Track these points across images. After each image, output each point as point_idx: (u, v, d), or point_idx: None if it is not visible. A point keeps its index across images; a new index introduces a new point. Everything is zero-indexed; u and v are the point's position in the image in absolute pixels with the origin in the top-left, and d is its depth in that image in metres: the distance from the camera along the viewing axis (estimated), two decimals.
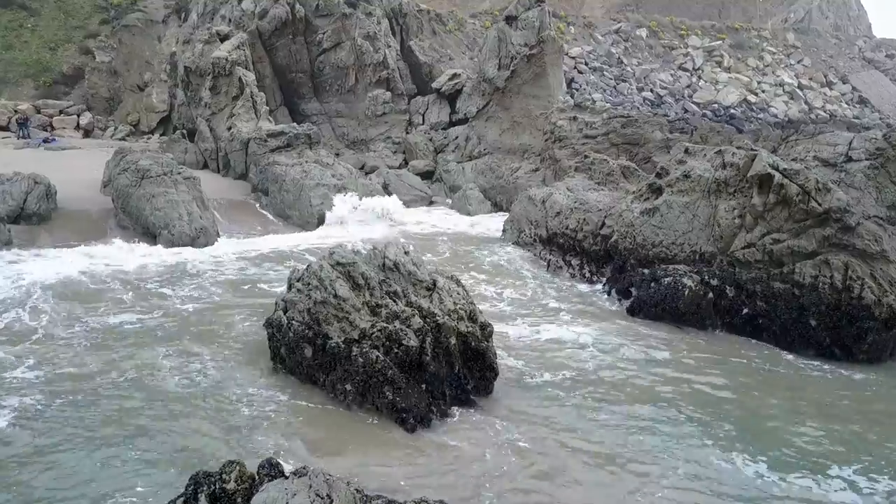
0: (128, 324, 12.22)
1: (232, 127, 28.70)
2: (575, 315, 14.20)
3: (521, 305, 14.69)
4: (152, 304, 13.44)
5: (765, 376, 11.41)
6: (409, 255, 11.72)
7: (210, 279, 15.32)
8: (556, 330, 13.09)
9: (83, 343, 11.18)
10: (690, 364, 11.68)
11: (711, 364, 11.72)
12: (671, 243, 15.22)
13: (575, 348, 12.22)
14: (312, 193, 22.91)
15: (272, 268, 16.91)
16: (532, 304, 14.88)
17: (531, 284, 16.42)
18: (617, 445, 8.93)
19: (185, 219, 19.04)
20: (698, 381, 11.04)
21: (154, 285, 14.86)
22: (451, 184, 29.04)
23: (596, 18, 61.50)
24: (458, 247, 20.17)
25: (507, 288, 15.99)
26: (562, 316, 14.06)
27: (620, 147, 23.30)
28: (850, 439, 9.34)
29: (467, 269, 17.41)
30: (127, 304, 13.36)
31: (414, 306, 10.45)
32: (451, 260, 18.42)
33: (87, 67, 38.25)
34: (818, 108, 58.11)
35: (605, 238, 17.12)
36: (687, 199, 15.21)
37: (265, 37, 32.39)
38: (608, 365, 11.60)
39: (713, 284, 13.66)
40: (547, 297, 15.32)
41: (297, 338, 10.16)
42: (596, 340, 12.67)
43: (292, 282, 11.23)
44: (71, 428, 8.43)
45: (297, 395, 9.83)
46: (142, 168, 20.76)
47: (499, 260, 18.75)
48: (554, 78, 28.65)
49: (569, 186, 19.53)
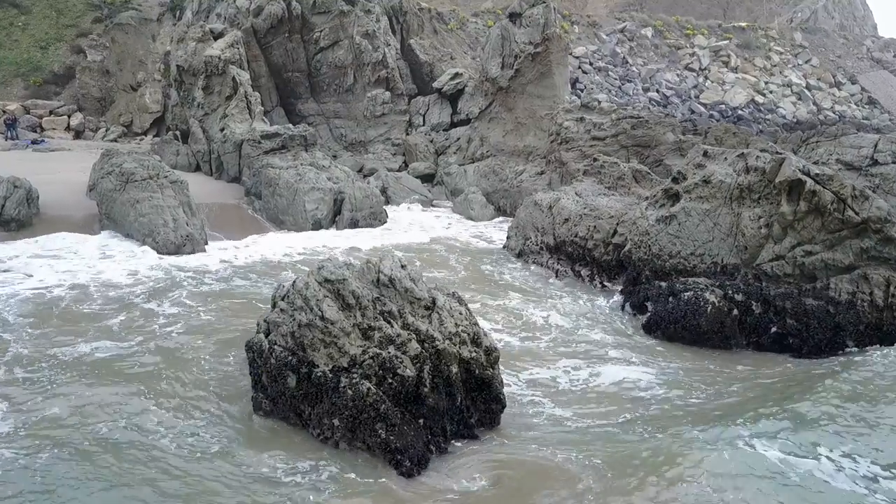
0: (101, 352, 10.98)
1: (225, 128, 27.63)
2: (587, 332, 13.09)
3: (527, 324, 13.55)
4: (130, 326, 12.19)
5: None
6: (407, 270, 10.62)
7: (193, 293, 14.18)
8: (566, 351, 11.96)
9: (47, 383, 9.82)
10: (727, 387, 10.52)
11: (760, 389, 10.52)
12: (690, 254, 14.10)
13: (589, 372, 11.10)
14: (307, 198, 21.81)
15: (260, 280, 15.80)
16: (540, 321, 13.75)
17: (536, 297, 15.29)
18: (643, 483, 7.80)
19: (171, 225, 17.95)
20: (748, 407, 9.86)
21: (135, 300, 13.73)
22: (452, 187, 27.94)
23: (600, 17, 60.40)
24: (459, 256, 19.05)
25: (513, 300, 14.87)
26: (574, 335, 12.93)
27: (630, 149, 22.17)
28: None
29: (469, 282, 16.30)
30: (103, 326, 12.17)
31: (411, 329, 9.34)
32: (453, 272, 17.28)
33: (79, 67, 37.22)
34: (827, 108, 57.04)
35: (618, 247, 16.02)
36: (707, 205, 14.10)
37: (260, 35, 31.30)
38: (627, 391, 10.49)
39: (738, 300, 12.55)
40: (555, 313, 14.18)
41: (279, 365, 9.05)
42: (612, 361, 11.55)
43: (276, 299, 10.14)
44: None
45: (277, 436, 8.68)
46: (126, 171, 19.69)
47: (501, 269, 17.64)
48: (559, 77, 27.53)
49: (577, 191, 18.42)
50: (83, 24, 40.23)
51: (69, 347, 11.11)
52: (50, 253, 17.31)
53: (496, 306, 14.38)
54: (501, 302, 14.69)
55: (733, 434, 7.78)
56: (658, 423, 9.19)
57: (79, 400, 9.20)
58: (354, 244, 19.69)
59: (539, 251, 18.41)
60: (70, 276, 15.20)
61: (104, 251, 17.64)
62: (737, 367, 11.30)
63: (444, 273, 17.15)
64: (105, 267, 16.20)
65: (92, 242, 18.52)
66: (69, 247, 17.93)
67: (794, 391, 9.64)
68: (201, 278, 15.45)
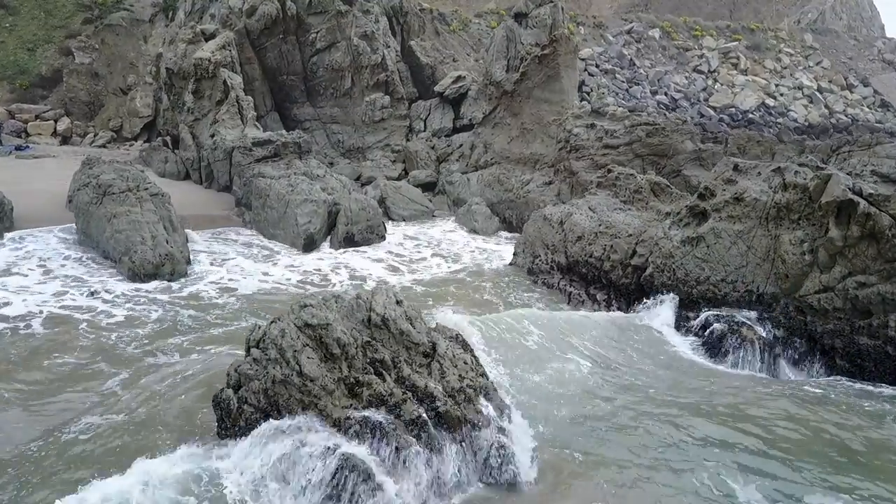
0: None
1: (215, 134, 26.21)
2: (615, 363, 11.58)
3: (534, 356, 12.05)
4: (85, 382, 10.56)
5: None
6: (402, 307, 9.16)
7: (162, 331, 12.63)
8: (591, 388, 10.47)
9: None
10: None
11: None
12: (720, 280, 12.63)
13: (624, 415, 9.58)
14: (299, 210, 20.36)
15: (246, 311, 14.27)
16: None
17: None
18: None
19: (149, 243, 16.50)
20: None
21: (95, 339, 12.19)
22: (454, 196, 26.47)
23: (605, 18, 58.99)
24: (461, 276, 17.56)
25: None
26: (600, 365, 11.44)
27: (646, 158, 20.71)
28: None
29: (473, 307, 14.81)
30: (56, 381, 10.62)
31: (406, 384, 7.89)
32: (455, 298, 15.73)
33: (66, 69, 35.80)
34: (839, 111, 55.59)
35: (638, 269, 14.54)
36: (739, 226, 12.62)
37: (254, 36, 29.89)
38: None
39: (779, 336, 11.07)
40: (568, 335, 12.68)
41: (249, 429, 7.60)
42: (651, 400, 10.06)
43: (250, 344, 8.69)
44: None
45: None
46: (103, 183, 18.27)
47: (507, 292, 16.15)
48: (568, 81, 26.07)
49: (591, 205, 16.95)
50: (73, 26, 38.84)
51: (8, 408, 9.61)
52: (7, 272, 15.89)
53: (502, 339, 12.89)
54: (504, 335, 13.17)
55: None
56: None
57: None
58: (351, 265, 18.15)
59: (549, 271, 16.94)
60: (27, 308, 13.71)
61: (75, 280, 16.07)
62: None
63: (445, 294, 15.66)
64: (71, 298, 14.65)
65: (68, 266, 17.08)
66: (34, 265, 16.52)
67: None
68: (173, 310, 13.86)
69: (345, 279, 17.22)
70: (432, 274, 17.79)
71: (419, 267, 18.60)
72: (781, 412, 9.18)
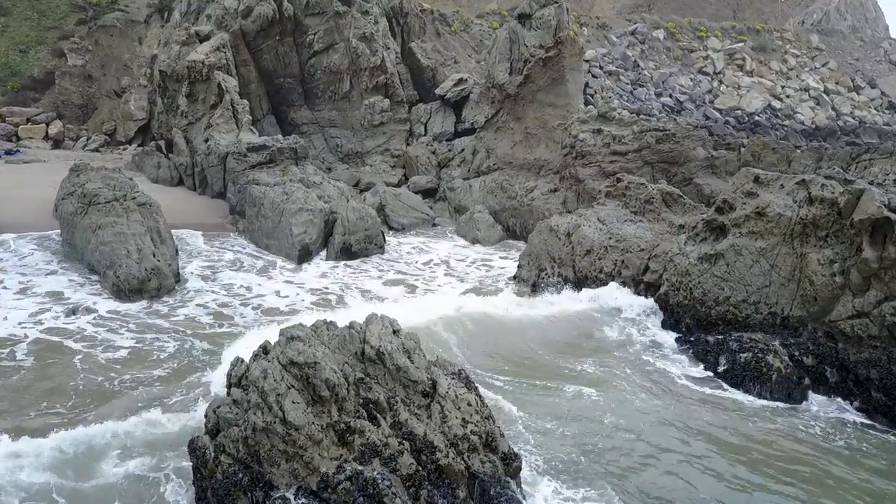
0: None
1: (209, 139, 25.40)
2: (627, 390, 10.73)
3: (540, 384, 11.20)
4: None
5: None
6: (400, 338, 8.34)
7: (137, 362, 11.63)
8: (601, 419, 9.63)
9: None
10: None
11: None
12: (741, 301, 11.79)
13: (637, 449, 8.75)
14: (294, 220, 19.52)
15: (233, 333, 13.28)
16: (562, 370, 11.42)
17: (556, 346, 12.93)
18: None
19: (135, 257, 15.65)
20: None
21: (61, 373, 11.28)
22: (456, 203, 25.62)
23: (608, 19, 58.14)
24: (464, 291, 16.66)
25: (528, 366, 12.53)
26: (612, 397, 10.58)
27: (655, 166, 19.86)
28: None
29: (475, 329, 13.94)
30: (27, 413, 9.76)
31: (403, 431, 7.06)
32: (458, 323, 14.69)
33: (58, 71, 34.97)
34: (846, 114, 54.73)
35: (651, 287, 13.71)
36: (761, 243, 11.78)
37: (249, 38, 29.04)
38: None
39: (808, 364, 10.23)
40: (583, 362, 11.85)
41: (227, 482, 6.76)
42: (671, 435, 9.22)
43: (231, 381, 7.87)
44: None
45: None
46: (89, 192, 17.45)
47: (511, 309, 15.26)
48: (573, 84, 25.22)
49: (600, 216, 16.10)
50: (66, 27, 38.05)
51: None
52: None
53: (507, 365, 12.04)
54: (509, 362, 12.31)
55: None
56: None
57: None
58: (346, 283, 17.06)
59: (556, 285, 16.09)
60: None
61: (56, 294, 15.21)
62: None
63: (445, 315, 14.71)
64: (46, 317, 13.75)
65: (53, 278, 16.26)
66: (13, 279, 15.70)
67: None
68: (155, 334, 12.92)
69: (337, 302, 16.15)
70: (429, 289, 16.81)
71: (421, 284, 17.67)
72: (808, 455, 8.35)
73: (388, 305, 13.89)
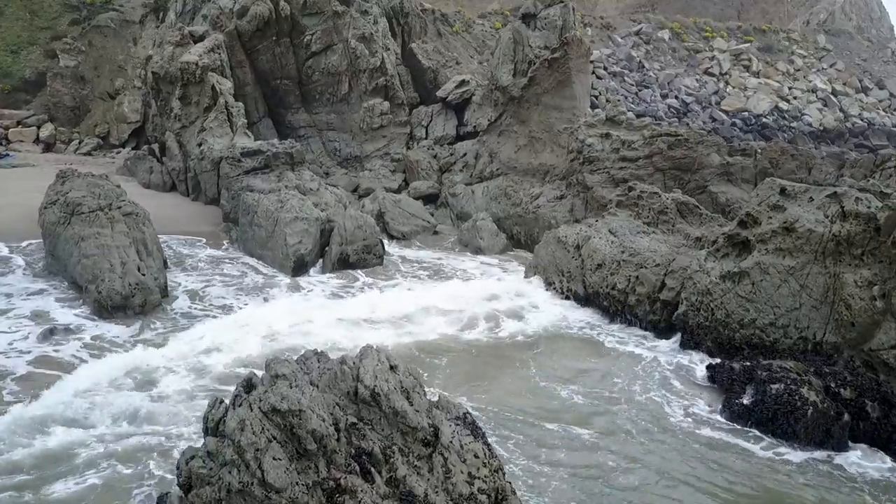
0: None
1: (203, 143, 24.53)
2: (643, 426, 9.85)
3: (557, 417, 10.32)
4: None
5: None
6: (398, 375, 7.46)
7: (113, 399, 10.43)
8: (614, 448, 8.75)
9: None
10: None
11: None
12: (769, 324, 10.89)
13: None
14: (288, 230, 18.64)
15: (219, 367, 12.03)
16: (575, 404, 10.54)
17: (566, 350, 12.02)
18: None
19: (118, 271, 14.77)
20: None
21: None
22: (458, 210, 24.74)
23: (612, 19, 57.21)
24: (465, 307, 15.65)
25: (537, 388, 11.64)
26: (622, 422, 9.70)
27: (667, 173, 18.95)
28: None
29: (479, 354, 13.08)
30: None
31: (402, 490, 6.17)
32: (456, 344, 13.74)
33: (50, 73, 34.10)
34: (854, 115, 53.86)
35: (667, 305, 12.83)
36: (790, 261, 10.89)
37: (245, 38, 28.14)
38: None
39: (846, 398, 9.33)
40: (596, 394, 10.97)
41: None
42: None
43: (208, 425, 6.99)
44: None
45: None
46: (72, 201, 16.57)
47: (516, 330, 14.37)
48: (580, 86, 24.32)
49: (611, 228, 15.21)
50: (59, 27, 37.18)
51: None
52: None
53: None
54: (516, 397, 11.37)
55: None
56: None
57: None
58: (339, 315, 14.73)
59: (564, 301, 15.22)
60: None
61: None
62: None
63: (443, 337, 13.78)
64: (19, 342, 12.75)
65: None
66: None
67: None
68: (131, 365, 11.83)
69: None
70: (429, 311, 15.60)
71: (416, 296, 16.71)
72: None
73: (376, 334, 12.99)
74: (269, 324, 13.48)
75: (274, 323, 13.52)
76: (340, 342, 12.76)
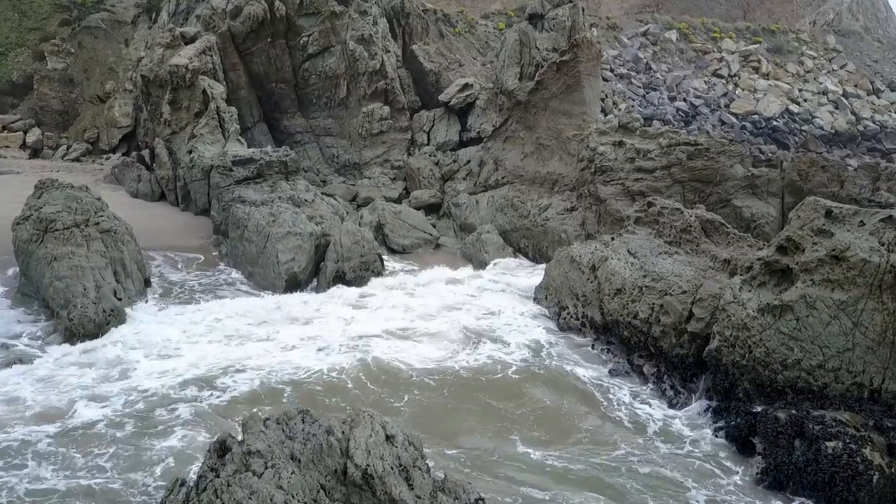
0: None
1: (193, 150, 23.29)
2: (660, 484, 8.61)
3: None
4: None
5: None
6: (395, 446, 6.22)
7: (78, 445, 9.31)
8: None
9: None
10: None
11: None
12: (816, 367, 9.63)
13: None
14: (280, 245, 17.40)
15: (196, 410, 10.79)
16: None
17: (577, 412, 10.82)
18: None
19: (91, 295, 13.54)
20: None
21: None
22: (461, 221, 23.48)
23: (617, 19, 55.93)
24: (467, 332, 14.44)
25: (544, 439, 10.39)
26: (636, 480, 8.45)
27: (687, 185, 17.68)
28: None
29: (482, 391, 11.84)
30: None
31: None
32: (454, 376, 12.55)
33: (37, 76, 32.88)
34: (866, 118, 52.59)
35: (696, 337, 11.56)
36: (840, 295, 9.62)
37: (239, 40, 26.89)
38: None
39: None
40: (614, 445, 9.72)
41: None
42: None
43: None
44: None
45: None
46: (45, 217, 15.31)
47: (518, 356, 13.11)
48: (590, 91, 23.04)
49: (630, 248, 13.94)
50: (49, 28, 35.96)
51: None
52: None
53: None
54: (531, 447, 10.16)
55: None
56: None
57: None
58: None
59: (580, 328, 13.97)
60: None
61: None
62: None
63: (442, 361, 12.59)
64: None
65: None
66: None
67: None
68: (103, 402, 10.75)
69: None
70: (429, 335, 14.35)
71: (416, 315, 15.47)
72: None
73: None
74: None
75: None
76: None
